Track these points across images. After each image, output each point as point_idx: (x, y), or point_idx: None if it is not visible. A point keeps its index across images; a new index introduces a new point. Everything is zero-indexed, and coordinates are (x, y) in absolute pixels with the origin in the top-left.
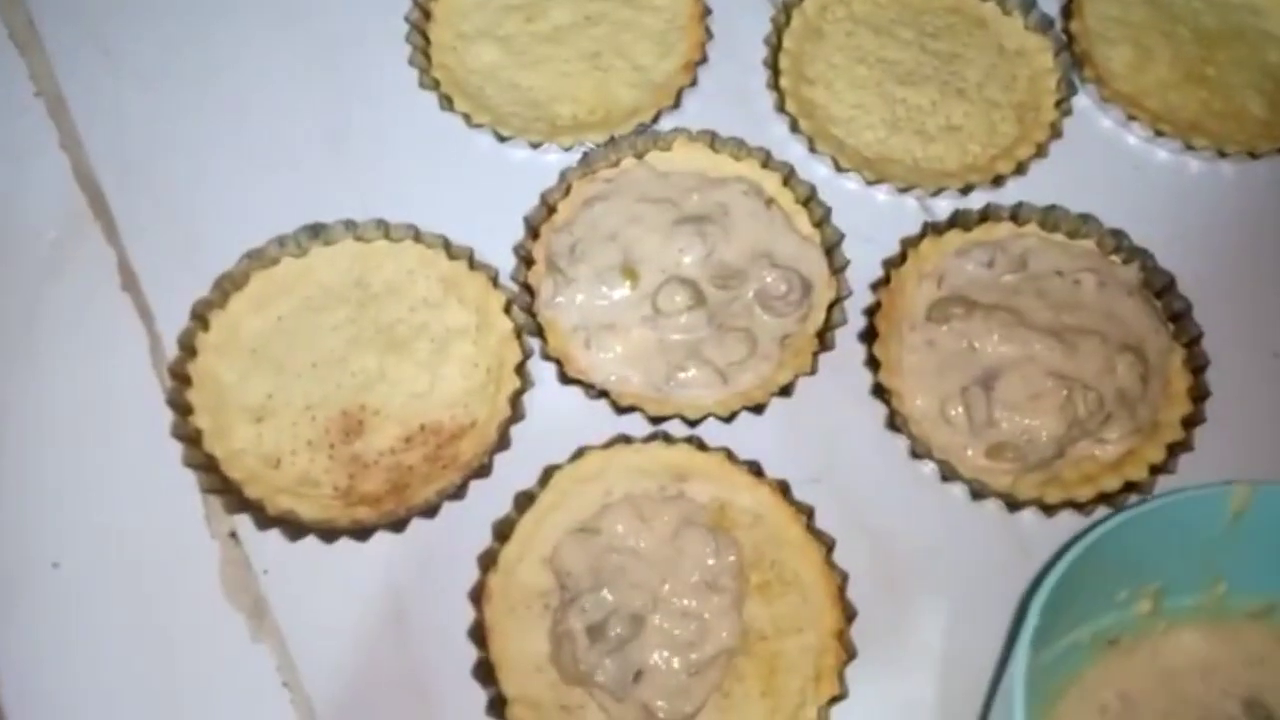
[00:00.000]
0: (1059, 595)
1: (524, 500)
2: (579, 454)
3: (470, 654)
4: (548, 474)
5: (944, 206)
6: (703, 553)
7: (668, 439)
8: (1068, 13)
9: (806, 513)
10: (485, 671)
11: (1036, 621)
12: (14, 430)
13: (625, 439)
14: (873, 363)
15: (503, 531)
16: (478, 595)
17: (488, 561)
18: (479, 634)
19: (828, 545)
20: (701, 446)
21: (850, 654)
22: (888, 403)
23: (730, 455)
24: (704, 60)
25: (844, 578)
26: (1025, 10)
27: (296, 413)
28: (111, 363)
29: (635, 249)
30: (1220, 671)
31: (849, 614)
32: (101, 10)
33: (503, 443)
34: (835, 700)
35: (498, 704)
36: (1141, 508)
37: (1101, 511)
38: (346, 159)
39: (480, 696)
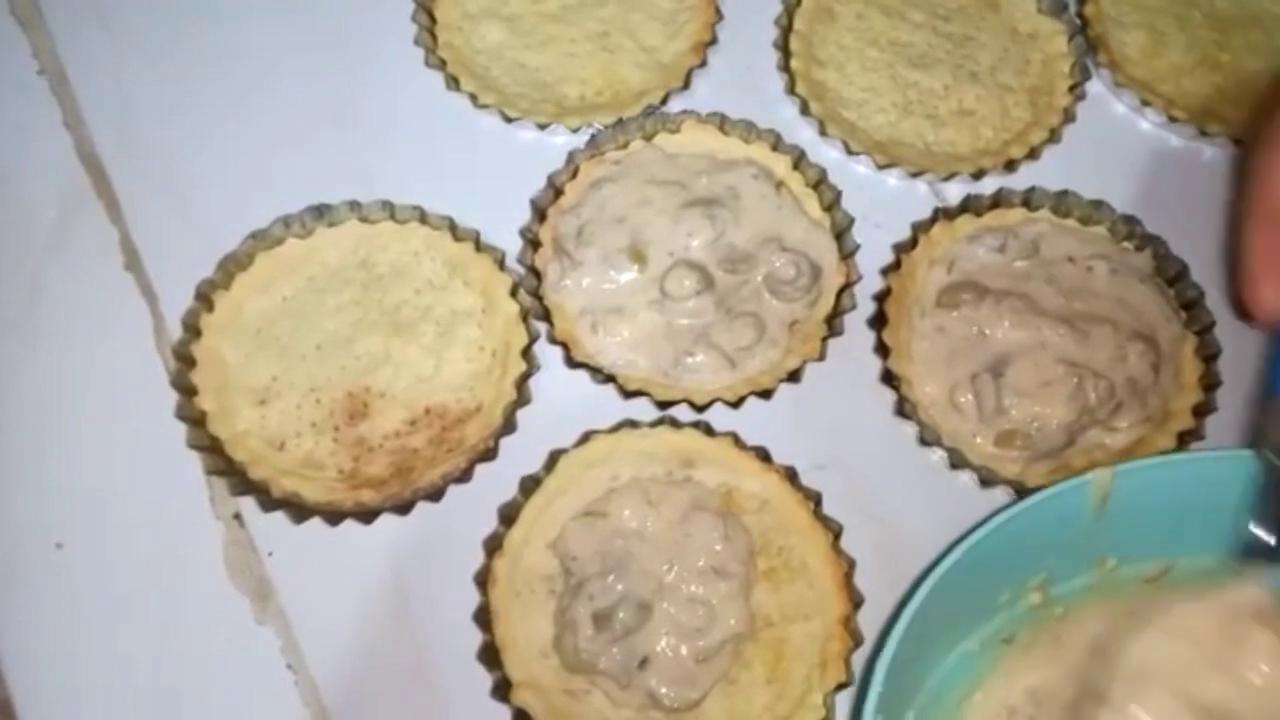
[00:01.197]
0: (909, 641)
1: (530, 484)
2: (585, 438)
3: (475, 637)
4: (553, 458)
5: (955, 191)
6: (711, 538)
7: (675, 424)
8: None
9: (814, 499)
10: (490, 655)
11: (880, 689)
12: (16, 411)
13: (632, 423)
14: (882, 349)
15: (508, 515)
16: (483, 579)
17: (493, 545)
18: (484, 617)
19: (835, 532)
20: (709, 431)
21: (857, 641)
22: (897, 389)
23: (738, 440)
24: (714, 41)
25: (851, 564)
26: None
27: (301, 395)
28: (115, 343)
29: (643, 232)
30: (1117, 652)
31: (856, 601)
32: None
33: (508, 426)
34: (841, 687)
35: (502, 687)
36: (991, 523)
37: None
38: (351, 139)
39: (485, 680)
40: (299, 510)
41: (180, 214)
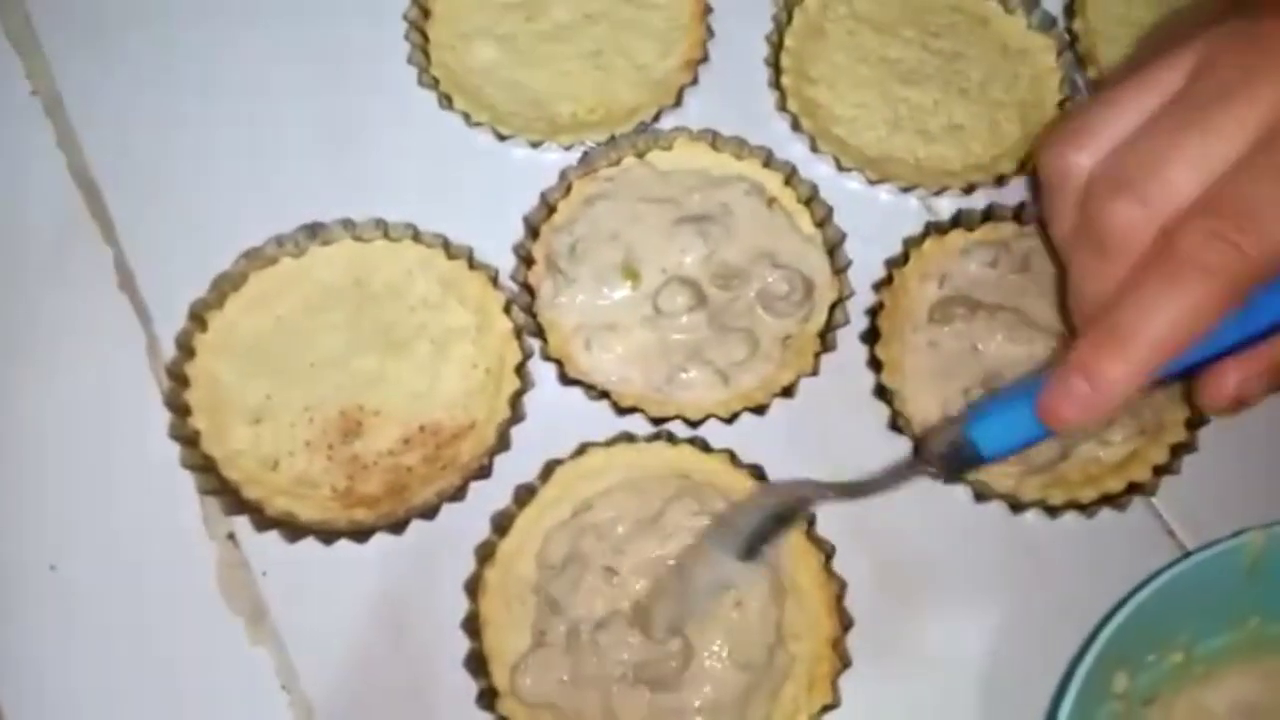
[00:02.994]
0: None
1: (524, 494)
2: (581, 450)
3: (465, 647)
4: (549, 468)
5: (947, 206)
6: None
7: (671, 439)
8: (1070, 11)
9: (807, 519)
10: (477, 663)
11: None
12: (9, 432)
13: (629, 437)
14: (875, 364)
15: (501, 525)
16: (473, 587)
17: (485, 554)
18: (472, 625)
19: (826, 553)
20: (705, 448)
21: (845, 663)
22: (890, 404)
23: (734, 458)
24: (705, 59)
25: (842, 586)
26: (1028, 9)
27: (295, 414)
28: (108, 363)
29: (636, 249)
30: (1261, 714)
31: (845, 623)
32: (99, 9)
33: (503, 444)
34: (827, 709)
35: (487, 696)
36: (1152, 585)
37: (1106, 514)
38: (345, 158)
39: (472, 688)
40: (293, 530)
41: (174, 234)
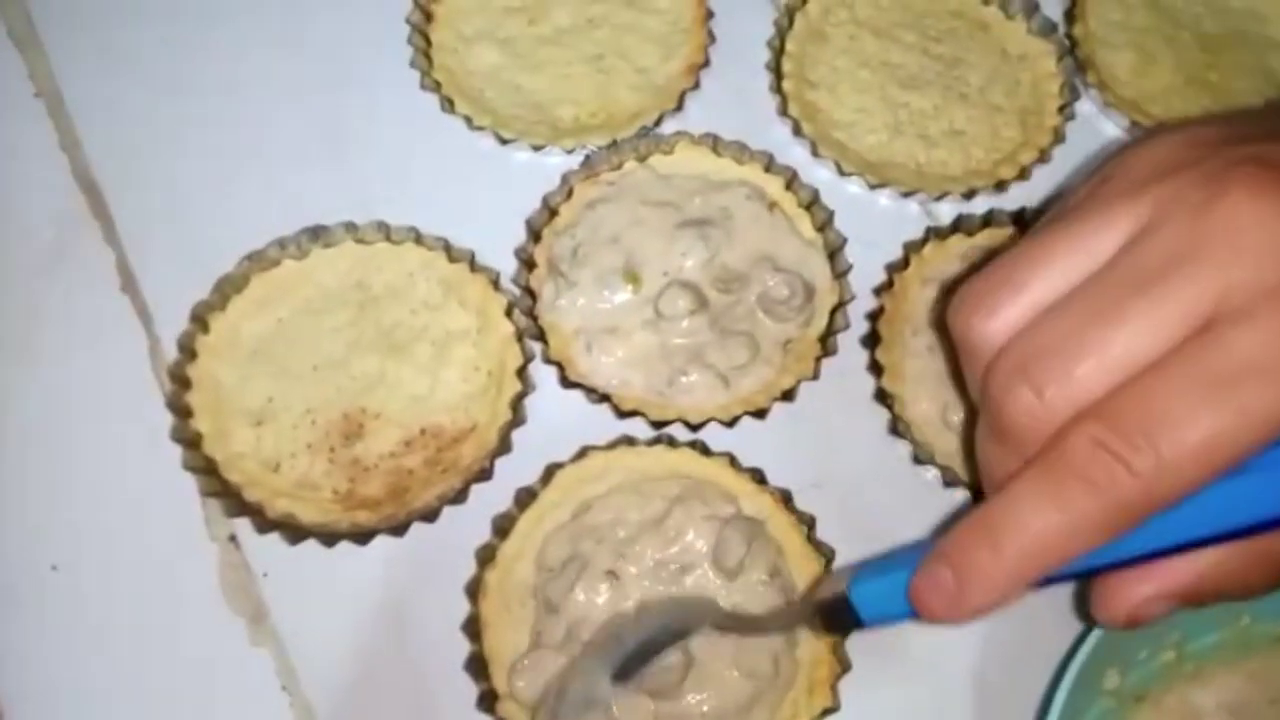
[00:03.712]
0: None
1: (525, 497)
2: (582, 453)
3: (466, 650)
4: (550, 472)
5: (947, 211)
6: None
7: (672, 442)
8: (1070, 17)
9: (807, 523)
10: (477, 666)
11: None
12: (11, 432)
13: (629, 440)
14: (875, 368)
15: (502, 527)
16: (474, 589)
17: (485, 556)
18: (473, 628)
19: (828, 556)
20: (705, 451)
21: (845, 667)
22: (890, 408)
23: (734, 461)
24: (706, 63)
25: None
26: (1028, 14)
27: (296, 416)
28: (110, 365)
29: (637, 252)
30: (1248, 712)
31: None
32: (102, 10)
33: (504, 446)
34: (827, 713)
35: (487, 698)
36: None
37: None
38: (347, 161)
39: (473, 691)
40: (294, 532)
41: (176, 236)
